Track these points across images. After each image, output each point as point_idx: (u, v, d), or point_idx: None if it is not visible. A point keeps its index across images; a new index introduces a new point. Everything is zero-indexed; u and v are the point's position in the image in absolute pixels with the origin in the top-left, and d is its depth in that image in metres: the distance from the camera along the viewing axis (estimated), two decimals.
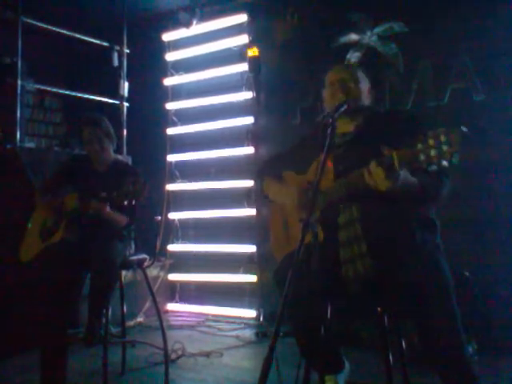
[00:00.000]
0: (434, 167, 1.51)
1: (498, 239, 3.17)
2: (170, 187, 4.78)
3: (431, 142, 1.48)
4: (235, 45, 4.49)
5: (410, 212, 1.90)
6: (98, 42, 4.85)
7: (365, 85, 2.17)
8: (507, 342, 2.98)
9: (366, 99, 2.15)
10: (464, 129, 1.47)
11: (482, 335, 2.85)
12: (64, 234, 2.67)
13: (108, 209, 2.62)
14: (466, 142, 1.46)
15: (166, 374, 2.74)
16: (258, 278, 4.22)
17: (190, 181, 4.71)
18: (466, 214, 3.24)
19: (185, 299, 4.64)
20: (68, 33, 4.60)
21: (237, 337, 3.75)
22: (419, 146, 1.51)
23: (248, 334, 3.83)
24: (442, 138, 1.47)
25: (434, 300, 1.71)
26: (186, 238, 4.74)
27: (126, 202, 2.44)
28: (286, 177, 2.29)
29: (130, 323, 3.91)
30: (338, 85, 2.13)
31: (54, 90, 4.82)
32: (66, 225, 2.69)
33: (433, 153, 1.48)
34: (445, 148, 1.46)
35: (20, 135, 4.04)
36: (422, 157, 1.50)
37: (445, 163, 1.47)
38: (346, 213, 1.94)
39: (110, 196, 2.47)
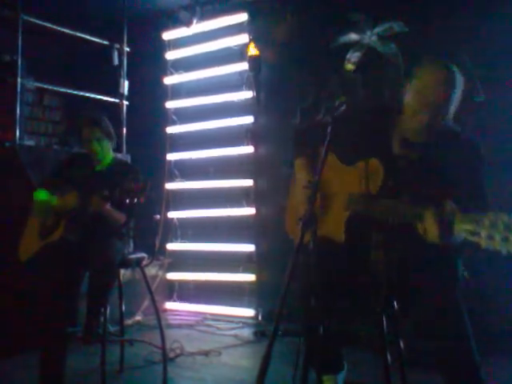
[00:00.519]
0: (491, 249, 1.42)
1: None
2: (169, 186, 4.78)
3: (501, 227, 1.40)
4: (235, 44, 4.49)
5: None
6: (98, 40, 4.84)
7: (455, 97, 1.93)
8: (507, 344, 2.98)
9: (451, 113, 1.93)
10: None
11: (481, 336, 2.85)
12: (63, 233, 2.66)
13: (108, 206, 2.62)
14: None
15: (165, 372, 2.75)
16: (257, 278, 4.22)
17: (190, 180, 4.71)
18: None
19: (183, 298, 4.64)
20: (68, 31, 4.59)
21: (235, 336, 3.76)
22: (487, 222, 1.42)
23: (246, 333, 3.83)
24: None
25: (446, 301, 1.71)
26: (184, 237, 4.74)
27: (127, 200, 2.44)
28: (297, 165, 2.23)
29: (129, 322, 3.90)
30: (422, 96, 1.87)
31: (54, 88, 4.81)
32: (65, 223, 2.69)
33: (498, 238, 1.39)
34: (511, 240, 1.38)
35: (19, 133, 4.03)
36: (485, 236, 1.42)
37: (504, 252, 1.39)
38: (380, 234, 1.87)
39: (111, 194, 2.47)
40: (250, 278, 4.25)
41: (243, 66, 4.39)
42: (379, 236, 1.87)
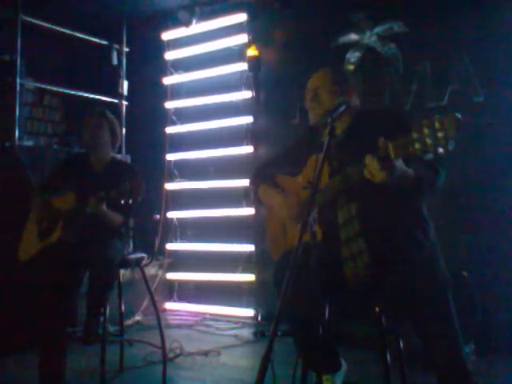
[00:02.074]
0: (430, 155, 1.49)
1: (497, 239, 3.18)
2: (168, 186, 4.78)
3: (426, 130, 1.46)
4: (234, 44, 4.49)
5: (408, 210, 1.89)
6: (97, 40, 4.85)
7: (345, 87, 2.14)
8: (505, 343, 2.98)
9: (354, 100, 2.13)
10: (458, 115, 1.45)
11: (480, 335, 2.85)
12: (61, 234, 2.66)
13: (104, 207, 2.61)
14: (461, 128, 1.44)
15: (164, 372, 2.74)
16: (256, 278, 4.23)
17: (189, 180, 4.71)
18: (465, 214, 3.25)
19: (183, 298, 4.64)
20: (67, 31, 4.59)
21: (235, 336, 3.76)
22: (414, 134, 1.49)
23: (246, 333, 3.83)
24: (437, 126, 1.45)
25: (429, 301, 1.71)
26: (184, 237, 4.74)
27: (122, 202, 2.44)
28: (281, 181, 2.30)
29: (128, 322, 3.91)
30: (311, 94, 2.17)
31: (54, 88, 4.82)
32: (63, 225, 2.68)
33: (428, 141, 1.46)
34: (440, 135, 1.44)
35: (19, 133, 4.04)
36: (418, 145, 1.48)
37: (441, 150, 1.45)
38: (345, 211, 1.93)
39: (107, 195, 2.47)
40: (250, 278, 4.25)
41: (243, 66, 4.39)
42: (344, 213, 1.93)
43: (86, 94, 4.72)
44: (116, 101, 4.85)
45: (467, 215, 3.25)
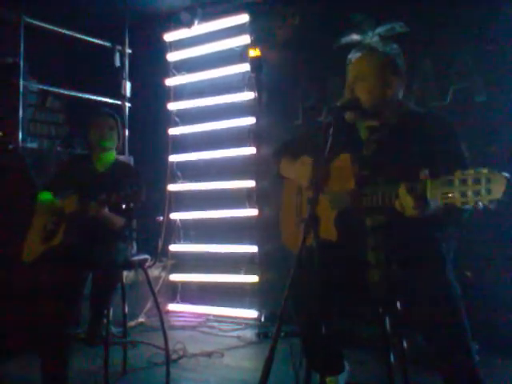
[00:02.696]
0: (468, 207, 1.42)
1: (500, 239, 3.17)
2: (171, 187, 4.78)
3: (470, 181, 1.39)
4: (237, 45, 4.49)
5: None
6: (100, 42, 4.86)
7: (396, 77, 2.02)
8: (509, 342, 2.97)
9: (397, 94, 2.01)
10: (507, 175, 1.38)
11: (484, 335, 2.84)
12: (65, 237, 2.66)
13: (106, 210, 2.61)
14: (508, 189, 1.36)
15: (167, 374, 2.75)
16: (260, 279, 4.22)
17: (192, 181, 4.71)
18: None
19: (186, 299, 4.64)
20: (70, 33, 4.61)
21: (238, 337, 3.75)
22: (456, 181, 1.42)
23: (249, 334, 3.83)
24: (483, 181, 1.38)
25: (445, 313, 1.71)
26: (187, 239, 4.74)
27: (123, 206, 2.45)
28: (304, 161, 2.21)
29: (132, 323, 3.91)
30: (354, 82, 1.98)
31: (57, 90, 4.83)
32: (65, 227, 2.69)
33: (470, 193, 1.39)
34: (483, 192, 1.37)
35: (22, 135, 4.05)
36: (457, 194, 1.42)
37: (480, 206, 1.39)
38: (375, 217, 1.88)
39: (108, 199, 2.46)
40: (253, 279, 4.25)
41: (245, 67, 4.39)
42: (374, 220, 1.88)
43: (88, 96, 4.73)
44: (119, 102, 4.85)
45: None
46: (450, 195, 1.44)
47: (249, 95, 4.39)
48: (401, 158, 1.80)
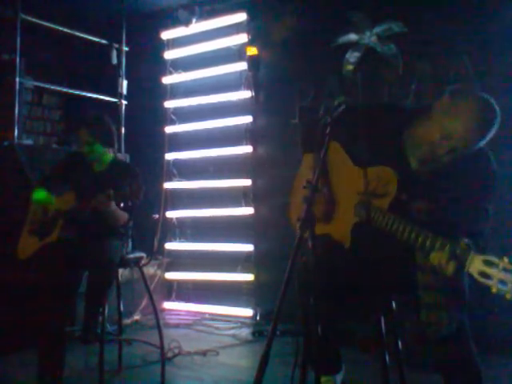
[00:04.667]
0: (500, 294, 1.41)
1: (497, 238, 3.17)
2: (167, 185, 4.78)
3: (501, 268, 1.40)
4: (234, 44, 4.49)
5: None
6: (96, 39, 4.84)
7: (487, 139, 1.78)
8: (505, 342, 2.98)
9: None
10: None
11: (480, 334, 2.85)
12: (60, 234, 2.66)
13: (113, 204, 2.60)
14: None
15: (163, 372, 2.75)
16: (255, 277, 4.23)
17: (188, 179, 4.71)
18: None
19: (182, 298, 4.64)
20: (67, 30, 4.58)
21: (233, 336, 3.76)
22: (500, 267, 1.42)
23: (244, 332, 3.83)
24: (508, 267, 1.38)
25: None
26: (183, 237, 4.74)
27: (122, 204, 2.45)
28: (306, 159, 2.20)
29: (127, 321, 3.90)
30: (450, 146, 1.71)
31: (53, 87, 4.82)
32: (62, 224, 2.68)
33: (510, 284, 1.39)
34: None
35: (18, 132, 4.03)
36: (496, 281, 1.41)
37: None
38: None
39: (117, 192, 2.46)
40: (249, 277, 4.25)
41: (242, 65, 4.39)
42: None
43: (85, 93, 4.72)
44: (115, 100, 4.84)
45: None
46: (488, 278, 1.42)
47: (246, 94, 4.39)
48: (443, 201, 1.73)
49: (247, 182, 4.34)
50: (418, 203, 1.74)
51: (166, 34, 4.88)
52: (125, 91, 4.87)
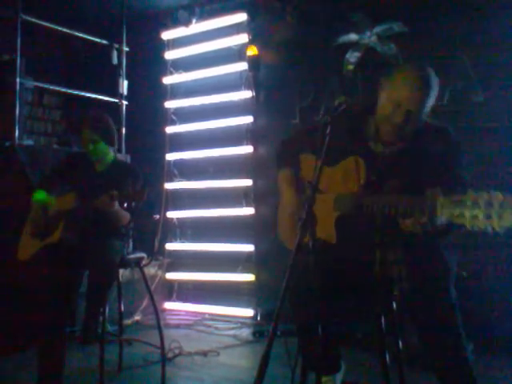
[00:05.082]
0: (476, 229, 1.39)
1: (497, 239, 3.17)
2: (168, 186, 4.78)
3: (482, 204, 1.37)
4: (234, 44, 4.49)
5: None
6: (97, 39, 4.84)
7: (431, 100, 1.95)
8: (504, 343, 2.98)
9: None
10: None
11: (479, 335, 2.85)
12: (62, 234, 2.66)
13: (116, 204, 2.60)
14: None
15: (163, 372, 2.75)
16: (256, 278, 4.23)
17: (189, 180, 4.71)
18: None
19: (182, 298, 4.64)
20: (67, 31, 4.58)
21: (234, 336, 3.76)
22: (468, 203, 1.40)
23: (245, 333, 3.83)
24: (496, 207, 1.35)
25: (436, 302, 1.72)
26: (184, 237, 4.74)
27: (125, 205, 2.45)
28: (303, 160, 2.20)
29: (128, 322, 3.90)
30: (403, 111, 1.86)
31: (53, 87, 4.82)
32: (63, 224, 2.68)
33: (481, 217, 1.37)
34: (495, 217, 1.35)
35: (19, 133, 4.03)
36: (468, 216, 1.39)
37: (489, 230, 1.37)
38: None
39: (120, 192, 2.47)
40: (249, 278, 4.25)
41: (242, 65, 4.39)
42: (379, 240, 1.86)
43: (85, 94, 4.72)
44: (116, 100, 4.84)
45: None
46: (460, 217, 1.41)
47: (246, 94, 4.39)
48: (409, 172, 1.80)
49: (248, 182, 4.34)
50: (392, 181, 1.81)
51: (167, 35, 4.88)
52: (125, 91, 4.87)
